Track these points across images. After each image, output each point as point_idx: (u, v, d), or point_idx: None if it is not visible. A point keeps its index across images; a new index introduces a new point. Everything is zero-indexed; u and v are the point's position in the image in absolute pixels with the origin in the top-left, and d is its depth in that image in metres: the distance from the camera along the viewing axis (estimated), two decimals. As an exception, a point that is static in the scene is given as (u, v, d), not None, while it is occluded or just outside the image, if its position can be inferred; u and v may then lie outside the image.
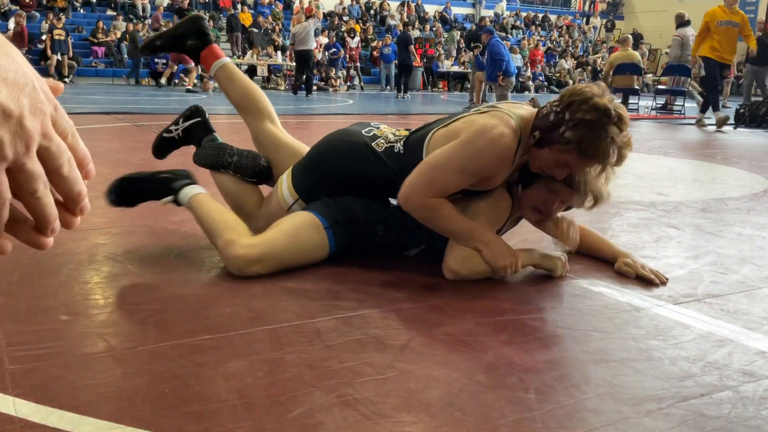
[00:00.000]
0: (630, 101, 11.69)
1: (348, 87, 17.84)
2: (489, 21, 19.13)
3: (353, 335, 1.58)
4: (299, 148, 2.41)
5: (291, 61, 16.46)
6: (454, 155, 1.96)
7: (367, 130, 2.24)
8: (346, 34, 18.81)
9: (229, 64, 2.49)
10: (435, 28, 22.27)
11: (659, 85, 12.06)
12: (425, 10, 23.56)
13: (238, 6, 20.06)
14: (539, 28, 25.63)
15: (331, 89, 16.89)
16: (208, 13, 19.50)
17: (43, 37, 15.47)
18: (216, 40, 15.00)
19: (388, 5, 23.06)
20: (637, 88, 11.54)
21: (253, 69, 16.72)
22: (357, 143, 2.18)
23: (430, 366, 1.43)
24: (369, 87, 18.97)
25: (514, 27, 24.77)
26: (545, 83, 21.84)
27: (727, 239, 2.73)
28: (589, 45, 25.49)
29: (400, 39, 15.14)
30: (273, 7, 20.73)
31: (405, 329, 1.64)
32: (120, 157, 4.47)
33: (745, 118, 9.64)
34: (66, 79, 15.06)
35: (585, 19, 28.13)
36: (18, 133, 0.38)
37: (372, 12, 22.79)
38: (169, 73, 14.93)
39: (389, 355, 1.48)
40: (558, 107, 1.90)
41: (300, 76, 14.13)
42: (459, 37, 22.10)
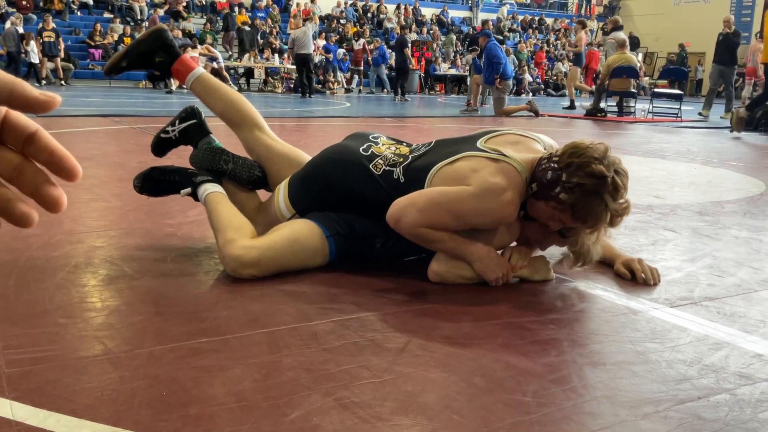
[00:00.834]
0: (627, 104, 11.72)
1: (345, 90, 17.86)
2: (491, 25, 19.18)
3: (351, 338, 1.58)
4: (293, 155, 2.38)
5: (288, 64, 16.51)
6: (459, 202, 1.93)
7: (365, 147, 2.19)
8: (352, 36, 18.83)
9: (204, 74, 2.39)
10: (432, 32, 22.31)
11: (656, 88, 12.07)
12: (422, 13, 23.61)
13: (236, 9, 20.06)
14: (536, 32, 25.68)
15: (328, 92, 16.91)
16: (205, 16, 19.52)
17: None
18: (212, 44, 14.87)
19: (385, 8, 23.09)
20: (633, 91, 11.56)
21: (250, 72, 16.73)
22: (354, 163, 2.15)
23: (428, 369, 1.43)
24: (366, 89, 18.99)
25: (511, 30, 24.83)
26: (542, 86, 21.89)
27: (724, 242, 2.74)
28: (586, 48, 25.52)
29: (397, 42, 15.18)
30: (270, 10, 20.74)
31: (402, 332, 1.64)
32: (117, 159, 4.46)
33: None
34: (62, 81, 15.05)
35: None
36: None
37: (369, 15, 22.81)
38: None
39: (387, 358, 1.48)
40: (557, 164, 1.89)
41: (302, 79, 14.25)
42: (456, 40, 22.14)
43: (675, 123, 10.85)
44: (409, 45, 15.54)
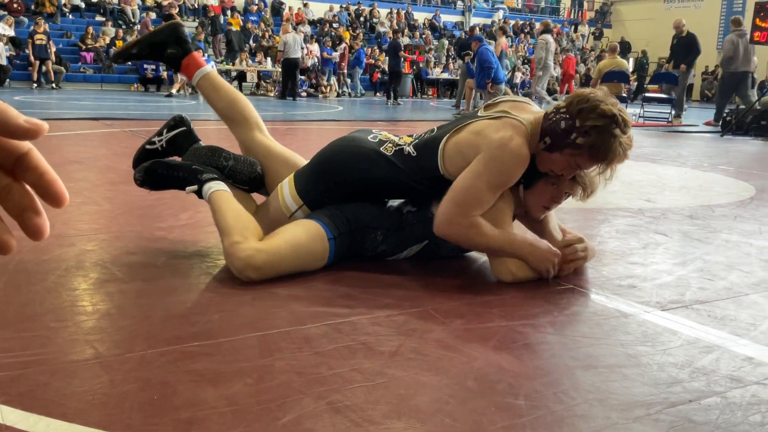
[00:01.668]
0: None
1: (338, 93, 17.87)
2: (479, 29, 19.28)
3: (343, 342, 1.58)
4: (291, 157, 2.40)
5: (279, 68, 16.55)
6: (481, 174, 2.02)
7: (372, 137, 2.27)
8: (331, 41, 18.85)
9: (212, 72, 2.43)
10: (424, 36, 22.35)
11: (647, 93, 12.13)
12: (414, 18, 23.65)
13: (228, 12, 20.04)
14: (528, 36, 25.76)
15: (320, 95, 16.91)
16: (197, 20, 19.49)
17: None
18: (206, 48, 14.82)
19: (378, 12, 23.13)
20: (624, 95, 11.62)
21: (242, 75, 16.71)
22: (365, 149, 2.21)
23: (420, 372, 1.43)
24: (353, 93, 19.00)
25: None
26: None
27: (714, 246, 2.75)
28: (578, 53, 25.63)
29: (390, 46, 15.20)
30: (262, 13, 20.74)
31: (395, 335, 1.64)
32: (108, 163, 4.45)
33: (732, 126, 9.72)
34: (53, 84, 14.99)
35: (573, 27, 28.30)
36: None
37: (362, 19, 22.84)
38: (181, 83, 14.79)
39: (379, 361, 1.48)
40: (566, 114, 2.01)
41: (287, 83, 14.32)
42: (448, 44, 22.19)
43: (666, 127, 10.91)
44: (403, 49, 15.59)
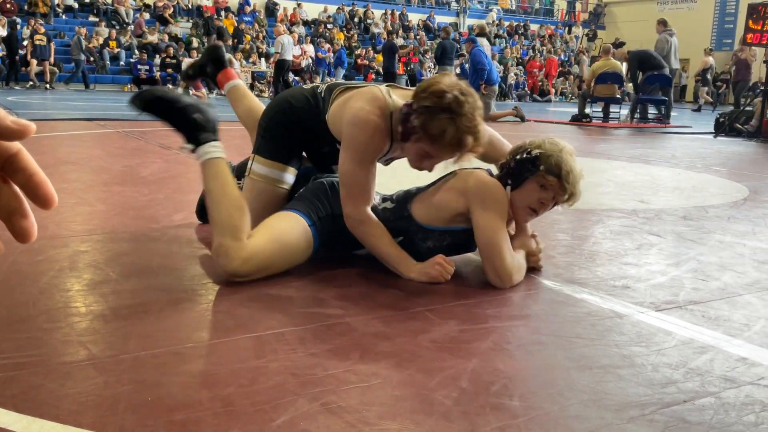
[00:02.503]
0: (612, 110, 11.81)
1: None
2: (470, 29, 19.33)
3: (337, 343, 1.58)
4: None
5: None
6: (347, 156, 2.08)
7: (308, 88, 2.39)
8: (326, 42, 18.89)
9: (240, 85, 2.77)
10: (419, 37, 22.37)
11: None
12: (409, 19, 23.66)
13: (222, 13, 20.01)
14: (522, 37, 25.81)
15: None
16: (191, 20, 19.46)
17: (25, 42, 15.34)
18: (198, 48, 14.96)
19: (372, 13, 23.13)
20: (618, 96, 11.65)
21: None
22: (295, 91, 2.35)
23: (415, 373, 1.43)
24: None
25: (497, 36, 24.94)
26: (528, 92, 21.99)
27: (708, 246, 2.76)
28: (572, 54, 25.71)
29: (386, 47, 15.22)
30: (256, 14, 20.71)
31: (389, 336, 1.64)
32: (102, 163, 4.44)
33: (725, 128, 9.76)
34: (47, 85, 14.94)
35: (567, 29, 28.38)
36: None
37: (356, 20, 22.84)
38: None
39: (373, 362, 1.48)
40: (411, 100, 1.99)
41: (278, 83, 14.43)
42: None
43: (659, 128, 10.94)
44: (398, 50, 15.62)
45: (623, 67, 11.66)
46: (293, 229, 2.09)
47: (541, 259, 2.28)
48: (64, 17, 18.55)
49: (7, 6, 16.73)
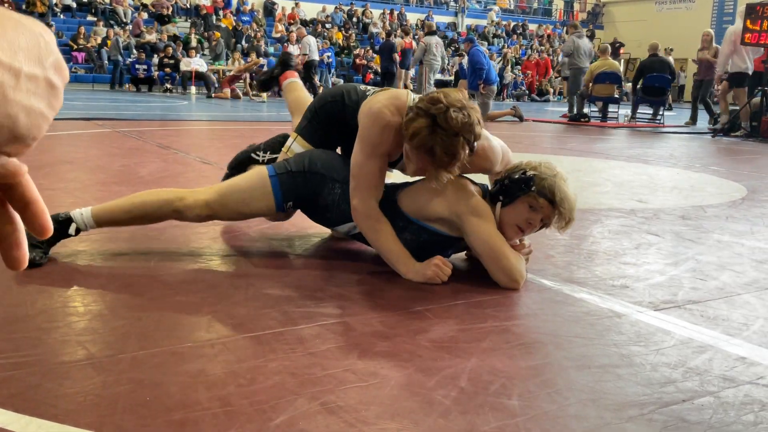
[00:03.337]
0: (610, 109, 11.82)
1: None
2: (468, 29, 19.34)
3: (336, 342, 1.58)
4: None
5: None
6: (357, 147, 2.14)
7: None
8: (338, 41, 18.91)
9: (297, 81, 3.12)
10: (417, 37, 22.37)
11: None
12: (407, 18, 23.66)
13: (220, 12, 19.99)
14: (520, 37, 25.81)
15: (313, 95, 16.96)
16: (189, 20, 19.44)
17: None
18: (196, 47, 14.97)
19: (371, 13, 23.13)
20: (617, 96, 11.66)
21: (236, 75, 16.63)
22: (352, 88, 2.40)
23: (413, 373, 1.43)
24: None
25: (496, 36, 24.94)
26: (526, 92, 21.99)
27: (707, 246, 2.76)
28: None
29: (384, 47, 15.21)
30: (255, 13, 20.69)
31: (388, 336, 1.64)
32: (99, 163, 4.43)
33: (723, 127, 9.77)
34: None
35: (565, 29, 28.39)
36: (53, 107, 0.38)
37: (354, 20, 22.83)
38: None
39: (372, 362, 1.48)
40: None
41: (311, 82, 14.70)
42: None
43: (657, 128, 10.95)
44: (396, 50, 15.61)
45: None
46: (249, 174, 2.28)
47: (529, 260, 2.28)
48: (62, 16, 18.53)
49: (4, 5, 16.72)
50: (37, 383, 1.30)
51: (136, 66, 15.99)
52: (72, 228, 2.18)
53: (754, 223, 3.31)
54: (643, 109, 12.15)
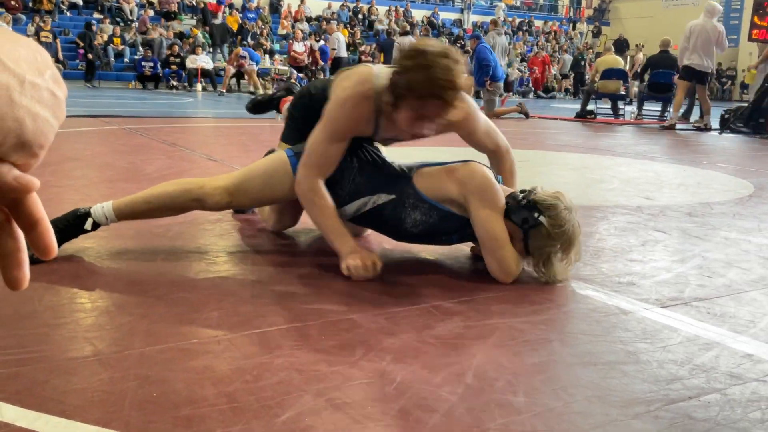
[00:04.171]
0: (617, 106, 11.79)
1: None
2: (474, 26, 19.29)
3: (342, 339, 1.58)
4: None
5: (278, 65, 16.61)
6: (320, 125, 2.13)
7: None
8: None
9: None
10: (422, 34, 22.33)
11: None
12: (413, 15, 23.63)
13: (226, 10, 19.99)
14: (526, 34, 25.74)
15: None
16: (195, 17, 19.44)
17: (29, 40, 15.34)
18: (203, 46, 15.03)
19: (376, 10, 23.11)
20: (623, 93, 11.62)
21: (240, 73, 16.62)
22: (318, 82, 2.56)
23: (419, 369, 1.43)
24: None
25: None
26: (532, 89, 21.94)
27: (713, 243, 2.75)
28: (576, 51, 25.63)
29: (387, 45, 15.21)
30: (260, 11, 20.69)
31: (393, 332, 1.64)
32: (106, 160, 4.44)
33: (729, 124, 9.72)
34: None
35: (572, 25, 28.31)
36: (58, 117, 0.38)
37: (360, 16, 22.81)
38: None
39: (378, 358, 1.48)
40: (395, 66, 2.04)
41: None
42: (447, 42, 22.17)
43: (664, 125, 10.90)
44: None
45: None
46: (268, 159, 2.30)
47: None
48: (68, 14, 18.56)
49: (12, 3, 16.75)
50: (45, 379, 1.31)
51: (143, 63, 16.01)
52: (88, 223, 2.18)
53: (762, 220, 3.29)
54: (649, 106, 12.11)
